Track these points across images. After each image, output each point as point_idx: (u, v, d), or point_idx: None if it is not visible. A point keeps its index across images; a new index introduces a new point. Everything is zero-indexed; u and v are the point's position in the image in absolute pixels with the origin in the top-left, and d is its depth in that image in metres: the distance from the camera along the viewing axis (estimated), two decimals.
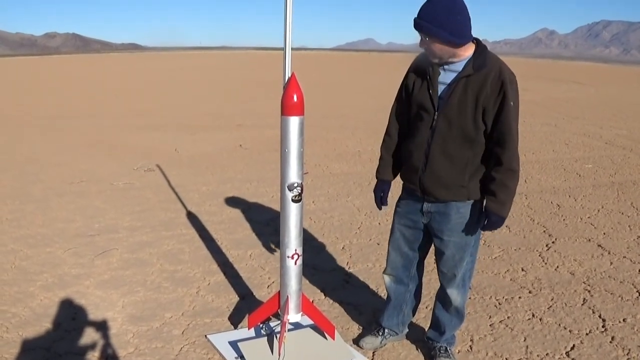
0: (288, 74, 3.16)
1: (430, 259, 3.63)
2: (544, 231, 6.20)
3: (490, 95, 2.96)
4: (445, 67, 3.05)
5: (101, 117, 15.15)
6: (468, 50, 3.01)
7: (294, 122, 3.08)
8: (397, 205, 3.46)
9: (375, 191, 3.60)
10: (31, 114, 16.18)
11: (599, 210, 7.09)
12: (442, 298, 3.51)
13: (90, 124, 13.84)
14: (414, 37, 3.05)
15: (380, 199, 3.55)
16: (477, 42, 3.05)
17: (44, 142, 11.47)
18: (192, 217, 6.48)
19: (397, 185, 3.46)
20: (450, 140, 3.06)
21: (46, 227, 6.14)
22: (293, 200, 3.18)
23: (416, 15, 2.95)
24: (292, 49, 3.18)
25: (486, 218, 3.16)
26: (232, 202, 7.11)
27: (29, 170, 8.88)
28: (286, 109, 3.07)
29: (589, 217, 6.79)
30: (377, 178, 3.56)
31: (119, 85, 27.91)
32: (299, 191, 3.17)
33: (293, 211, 3.22)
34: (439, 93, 3.06)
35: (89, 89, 26.11)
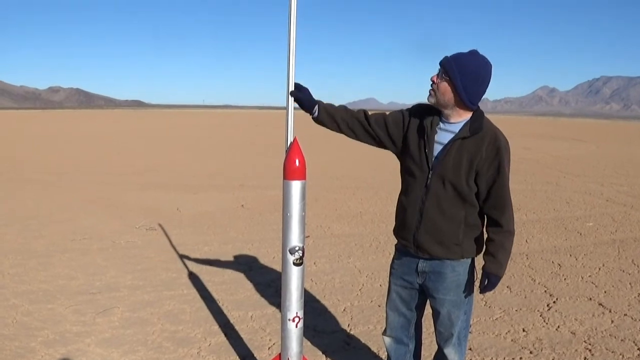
0: (290, 138, 3.21)
1: (427, 320, 3.63)
2: (545, 291, 6.20)
3: (485, 159, 3.03)
4: (442, 126, 3.13)
5: (104, 174, 15.30)
6: (466, 113, 3.10)
7: (295, 186, 3.11)
8: (391, 267, 3.49)
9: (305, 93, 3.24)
10: (34, 168, 16.36)
11: (599, 269, 7.09)
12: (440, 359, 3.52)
13: (93, 181, 13.97)
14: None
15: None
16: (476, 108, 3.13)
17: (47, 197, 11.58)
18: (193, 277, 6.49)
19: (390, 243, 3.49)
20: (444, 199, 3.12)
21: (48, 283, 6.16)
22: (294, 264, 3.20)
23: (450, 55, 3.04)
24: (295, 109, 3.24)
25: (485, 279, 3.19)
26: (234, 262, 7.13)
27: (31, 226, 8.94)
28: (288, 173, 3.11)
29: (589, 276, 6.79)
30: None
31: (122, 142, 28.21)
32: (301, 255, 3.19)
33: (294, 274, 3.23)
34: (435, 152, 3.13)
35: (92, 144, 26.41)
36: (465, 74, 2.97)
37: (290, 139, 3.20)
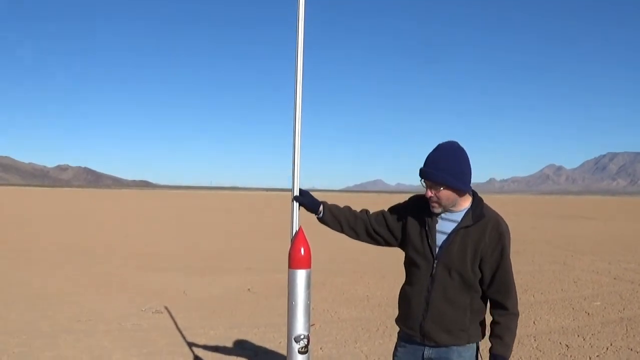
0: (296, 227, 3.27)
1: None
2: None
3: (488, 245, 3.10)
4: (443, 215, 3.20)
5: (111, 255, 15.39)
6: (467, 201, 3.19)
7: (300, 275, 3.15)
8: (394, 355, 3.46)
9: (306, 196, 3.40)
10: (42, 247, 16.49)
11: (607, 348, 7.04)
12: None
13: (100, 261, 14.06)
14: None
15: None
16: (474, 194, 3.24)
17: (53, 276, 11.66)
18: None
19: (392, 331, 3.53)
20: (450, 287, 3.16)
21: None
22: (299, 352, 3.19)
23: (423, 165, 3.13)
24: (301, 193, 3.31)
25: None
26: (240, 347, 7.11)
27: (38, 305, 8.98)
28: (293, 262, 3.15)
29: (597, 356, 6.74)
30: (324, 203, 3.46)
31: (130, 223, 28.38)
32: (305, 343, 3.20)
33: None
34: (438, 242, 3.18)
35: (100, 224, 26.61)
36: (452, 172, 3.07)
37: (295, 228, 3.28)
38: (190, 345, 7.12)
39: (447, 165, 3.07)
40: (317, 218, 3.45)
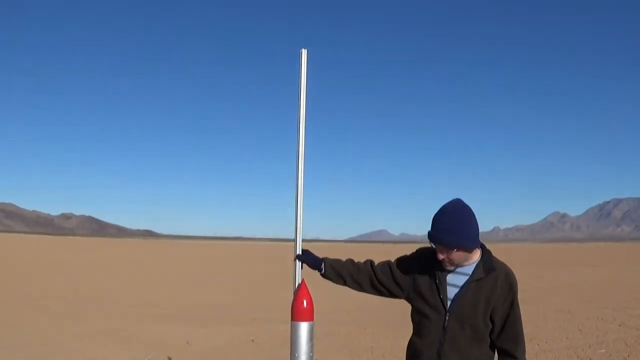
0: (298, 280, 3.33)
1: None
2: None
3: (499, 296, 3.18)
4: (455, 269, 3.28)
5: (115, 305, 15.39)
6: (476, 254, 3.26)
7: (303, 327, 3.18)
8: None
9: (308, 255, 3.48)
10: (44, 295, 16.48)
11: None
12: None
13: (103, 311, 14.07)
14: (427, 227, 3.25)
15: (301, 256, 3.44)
16: (482, 246, 3.30)
17: (55, 326, 11.67)
18: None
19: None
20: (461, 339, 3.20)
21: None
22: None
23: (431, 229, 3.19)
24: (306, 240, 3.33)
25: None
26: None
27: (42, 354, 9.01)
28: (296, 315, 3.19)
29: None
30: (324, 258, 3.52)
31: (133, 273, 28.34)
32: None
33: None
34: (449, 295, 3.23)
35: (103, 274, 26.58)
36: (463, 234, 3.14)
37: (298, 280, 3.33)
38: None
39: (456, 229, 3.13)
40: (321, 274, 3.50)
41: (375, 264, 3.53)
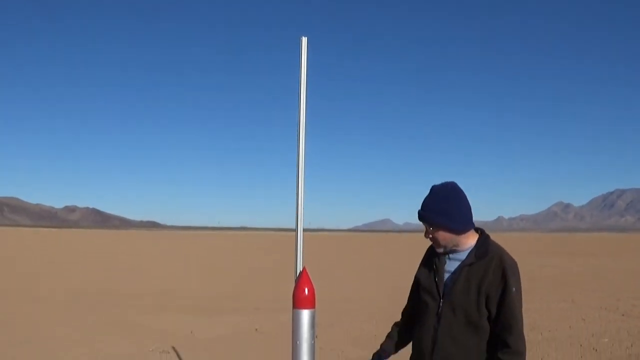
0: (300, 267, 3.34)
1: None
2: None
3: (492, 282, 3.12)
4: (451, 256, 3.27)
5: (119, 296, 15.45)
6: (471, 239, 3.25)
7: (305, 315, 3.22)
8: None
9: (373, 355, 3.69)
10: (49, 288, 16.53)
11: None
12: None
13: (108, 302, 14.12)
14: None
15: None
16: (481, 232, 3.30)
17: (61, 317, 11.72)
18: None
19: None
20: (455, 326, 3.18)
21: None
22: None
23: (420, 208, 3.25)
24: (310, 230, 3.37)
25: None
26: None
27: (46, 347, 9.02)
28: (297, 302, 3.22)
29: None
30: (379, 346, 3.70)
31: (137, 264, 28.40)
32: None
33: None
34: (445, 281, 3.24)
35: (107, 266, 26.66)
36: (444, 212, 3.17)
37: (299, 268, 3.35)
38: None
39: (439, 207, 3.17)
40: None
41: (407, 304, 3.66)
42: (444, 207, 3.16)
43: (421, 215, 3.23)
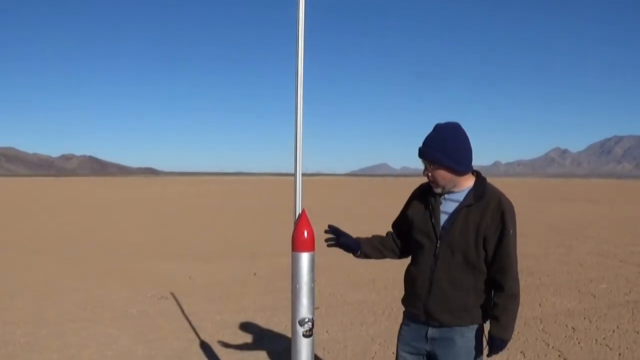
0: (299, 210, 3.26)
1: None
2: (559, 355, 6.14)
3: (490, 224, 3.10)
4: (447, 196, 3.22)
5: (116, 243, 15.42)
6: (469, 181, 3.20)
7: (304, 258, 3.15)
8: (400, 333, 3.48)
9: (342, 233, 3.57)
10: (46, 237, 16.54)
11: (614, 331, 7.02)
12: None
13: (104, 250, 14.09)
14: None
15: (333, 237, 3.52)
16: (477, 174, 3.25)
17: (59, 267, 11.68)
18: (205, 347, 6.48)
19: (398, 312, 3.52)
20: (453, 267, 3.17)
21: (59, 353, 6.18)
22: (304, 335, 3.19)
23: (421, 145, 3.17)
24: (307, 175, 3.27)
25: (490, 342, 3.21)
26: (246, 331, 7.12)
27: (43, 295, 9.00)
28: (297, 245, 3.15)
29: (604, 338, 6.72)
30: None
31: (134, 211, 28.47)
32: (310, 326, 3.19)
33: (304, 346, 3.21)
34: (441, 222, 3.21)
35: (104, 213, 26.71)
36: (447, 151, 3.10)
37: (298, 211, 3.26)
38: (197, 330, 7.14)
39: (442, 145, 3.10)
40: (356, 255, 3.60)
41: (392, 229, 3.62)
42: (447, 146, 3.09)
43: (422, 152, 3.16)
